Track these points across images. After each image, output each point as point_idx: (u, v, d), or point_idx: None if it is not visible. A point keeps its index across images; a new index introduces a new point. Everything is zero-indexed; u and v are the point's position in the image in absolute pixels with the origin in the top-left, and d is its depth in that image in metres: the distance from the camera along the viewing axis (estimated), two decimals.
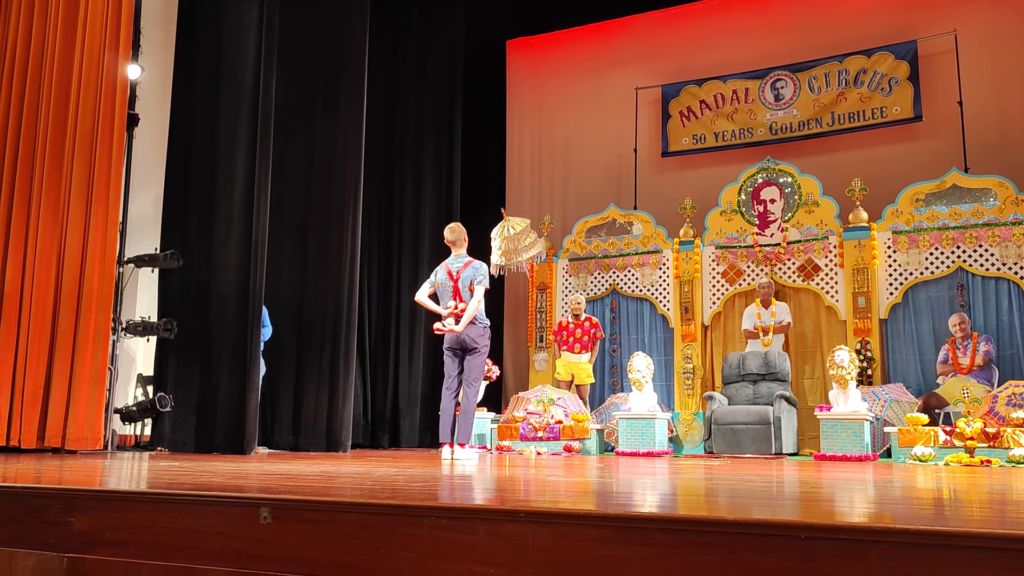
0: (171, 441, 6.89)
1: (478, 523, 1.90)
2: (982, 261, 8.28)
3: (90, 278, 6.55)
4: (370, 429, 9.50)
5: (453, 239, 6.14)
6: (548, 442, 8.04)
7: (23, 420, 6.22)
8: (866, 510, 2.21)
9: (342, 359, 7.51)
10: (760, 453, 7.72)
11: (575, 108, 11.20)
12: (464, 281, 5.97)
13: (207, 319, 6.98)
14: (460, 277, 5.98)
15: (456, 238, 6.14)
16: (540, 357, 10.04)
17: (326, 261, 7.72)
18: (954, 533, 1.55)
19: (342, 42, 8.05)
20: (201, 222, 7.19)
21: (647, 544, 1.74)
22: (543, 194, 11.29)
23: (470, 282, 5.95)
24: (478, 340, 5.96)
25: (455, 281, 5.98)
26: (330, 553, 2.04)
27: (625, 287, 9.89)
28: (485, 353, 6.07)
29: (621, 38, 11.06)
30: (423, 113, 10.40)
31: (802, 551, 1.61)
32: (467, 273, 6.00)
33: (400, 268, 9.94)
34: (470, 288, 5.94)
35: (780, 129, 9.95)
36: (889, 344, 8.61)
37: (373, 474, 3.61)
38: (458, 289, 5.97)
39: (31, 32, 6.83)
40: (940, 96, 9.21)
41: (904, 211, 8.66)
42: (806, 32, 10.03)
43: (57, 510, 2.40)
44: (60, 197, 6.59)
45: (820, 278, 8.95)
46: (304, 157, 7.92)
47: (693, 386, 9.15)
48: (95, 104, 6.75)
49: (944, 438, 6.46)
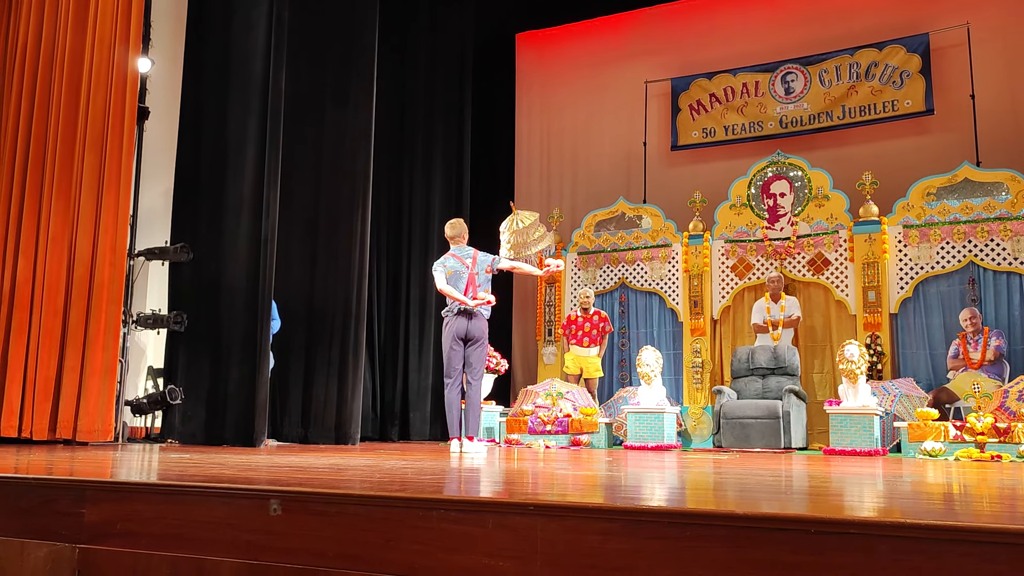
0: (181, 433, 6.93)
1: (487, 516, 1.90)
2: (993, 255, 8.23)
3: (101, 271, 6.57)
4: (379, 422, 9.52)
5: (454, 234, 6.21)
6: (556, 436, 8.05)
7: (35, 412, 6.26)
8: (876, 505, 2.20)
9: (351, 352, 7.52)
10: (769, 447, 7.70)
11: (584, 101, 11.17)
12: (481, 266, 6.03)
13: (217, 312, 7.00)
14: (477, 262, 6.03)
15: (457, 233, 6.22)
16: (549, 351, 10.04)
17: (335, 254, 7.73)
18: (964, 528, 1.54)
19: (351, 35, 8.04)
20: (211, 215, 7.21)
21: (656, 537, 1.73)
22: (552, 187, 11.28)
23: (487, 265, 6.05)
24: (485, 332, 6.02)
25: (471, 269, 6.01)
26: (339, 545, 2.04)
27: (634, 281, 9.88)
28: (486, 346, 6.15)
29: (630, 31, 11.02)
30: (432, 106, 10.39)
31: (811, 545, 1.61)
32: (481, 258, 6.08)
33: (409, 261, 9.95)
34: (488, 271, 6.03)
35: (790, 123, 9.91)
36: (899, 339, 8.57)
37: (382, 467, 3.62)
38: (474, 277, 6.00)
39: (42, 26, 6.86)
40: (952, 89, 9.15)
41: (915, 205, 8.62)
42: (817, 25, 9.97)
43: (68, 501, 2.42)
44: (71, 190, 6.62)
45: (830, 272, 8.92)
46: (313, 150, 7.93)
47: (702, 380, 9.14)
48: (105, 97, 6.77)
49: (954, 433, 6.43)
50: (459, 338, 6.01)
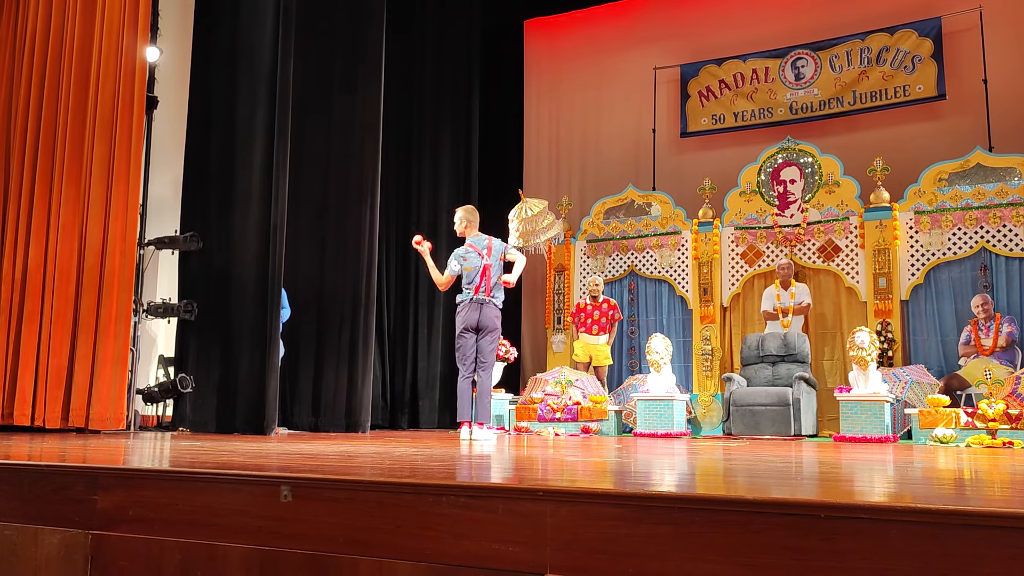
0: (192, 421, 6.97)
1: (497, 501, 1.90)
2: (1006, 241, 8.17)
3: (111, 260, 6.60)
4: (389, 410, 9.55)
5: (469, 221, 6.19)
6: (566, 423, 8.05)
7: (47, 400, 6.31)
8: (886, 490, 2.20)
9: (361, 340, 7.54)
10: (779, 435, 7.69)
11: (593, 88, 11.13)
12: (495, 255, 6.04)
13: (227, 300, 7.02)
14: (492, 250, 6.05)
15: (471, 220, 6.23)
16: (558, 339, 10.04)
17: (344, 242, 7.74)
18: (975, 512, 1.54)
19: (359, 23, 8.02)
20: (220, 204, 7.22)
21: (666, 523, 1.73)
22: (561, 175, 11.25)
23: (502, 252, 6.06)
24: (496, 320, 6.01)
25: (485, 259, 6.01)
26: (349, 531, 2.05)
27: (643, 268, 9.86)
28: (499, 334, 6.12)
29: (639, 17, 10.96)
30: (440, 94, 10.37)
31: (822, 530, 1.61)
32: (496, 246, 6.09)
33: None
34: (502, 258, 6.05)
35: (800, 108, 9.85)
36: (910, 325, 8.54)
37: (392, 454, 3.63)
38: (488, 267, 5.99)
39: (50, 15, 6.86)
40: (964, 74, 9.07)
41: (927, 191, 8.56)
42: (827, 10, 9.89)
43: (81, 488, 2.44)
44: (81, 180, 6.64)
45: (840, 259, 8.88)
46: (322, 138, 7.92)
47: (712, 368, 9.13)
48: (114, 87, 6.78)
49: (966, 420, 6.41)
50: (470, 327, 6.02)
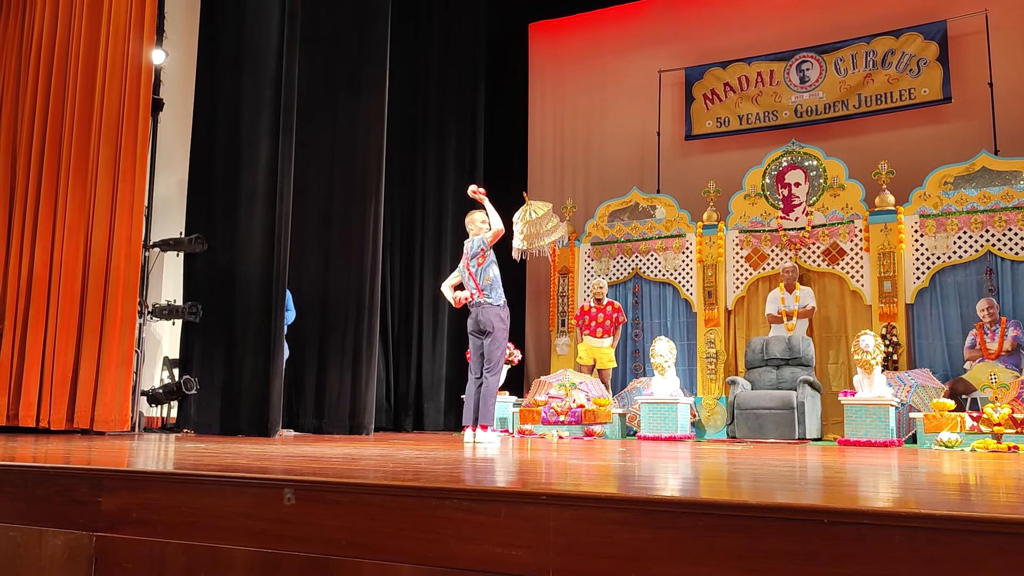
0: (197, 423, 6.98)
1: (499, 505, 1.90)
2: (1011, 245, 8.15)
3: (116, 262, 6.62)
4: (393, 412, 9.55)
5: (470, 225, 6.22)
6: (570, 426, 8.05)
7: (52, 402, 6.32)
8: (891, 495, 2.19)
9: (365, 342, 7.54)
10: (783, 438, 7.67)
11: (598, 91, 11.12)
12: (474, 256, 6.04)
13: (231, 302, 7.04)
14: (469, 253, 6.08)
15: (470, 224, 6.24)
16: (562, 341, 10.03)
17: (349, 244, 7.74)
18: (981, 518, 1.53)
19: (365, 25, 8.03)
20: (225, 206, 7.23)
21: (669, 527, 1.73)
22: (565, 178, 11.25)
23: (480, 248, 6.03)
24: (494, 322, 5.96)
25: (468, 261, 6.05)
26: (352, 534, 2.05)
27: (648, 271, 9.85)
28: (503, 338, 6.07)
29: (644, 20, 10.96)
30: (445, 96, 10.38)
31: (826, 535, 1.60)
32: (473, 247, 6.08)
33: (423, 251, 9.95)
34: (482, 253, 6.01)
35: (805, 112, 9.84)
36: (915, 329, 8.51)
37: (396, 456, 3.63)
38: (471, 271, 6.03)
39: (57, 18, 6.89)
40: (970, 77, 9.05)
41: (932, 194, 8.54)
42: (832, 13, 9.88)
43: (85, 490, 2.44)
44: (87, 182, 6.66)
45: (845, 262, 8.86)
46: (327, 140, 7.93)
47: (716, 371, 9.11)
48: (120, 89, 6.80)
49: (971, 424, 6.39)
50: (474, 331, 6.05)
